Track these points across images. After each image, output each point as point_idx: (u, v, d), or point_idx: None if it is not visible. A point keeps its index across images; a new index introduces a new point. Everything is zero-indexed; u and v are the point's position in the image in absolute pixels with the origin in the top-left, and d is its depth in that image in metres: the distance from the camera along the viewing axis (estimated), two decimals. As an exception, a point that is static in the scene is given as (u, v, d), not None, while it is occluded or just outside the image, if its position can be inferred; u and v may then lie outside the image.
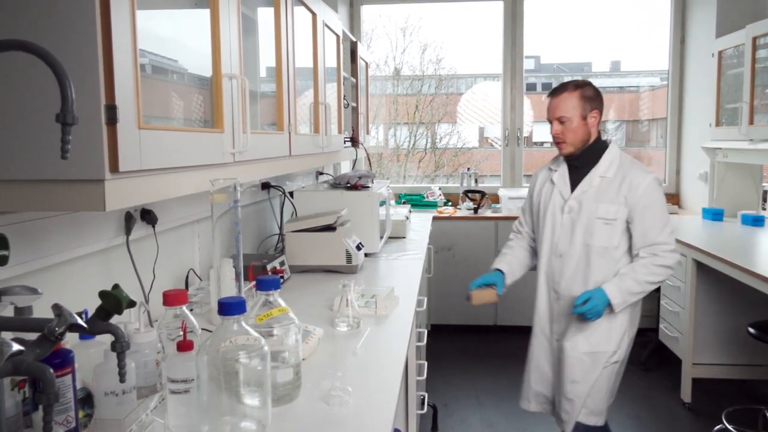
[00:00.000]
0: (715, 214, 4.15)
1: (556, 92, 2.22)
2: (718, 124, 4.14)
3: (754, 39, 3.61)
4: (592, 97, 2.20)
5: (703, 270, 3.39)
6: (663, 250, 2.13)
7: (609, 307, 2.14)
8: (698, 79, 4.59)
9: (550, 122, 2.22)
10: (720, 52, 4.10)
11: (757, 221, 3.92)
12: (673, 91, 4.94)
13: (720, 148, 4.16)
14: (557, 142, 2.23)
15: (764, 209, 4.20)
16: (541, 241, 2.35)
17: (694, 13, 4.67)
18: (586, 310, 2.12)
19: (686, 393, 3.48)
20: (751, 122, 3.64)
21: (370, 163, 3.86)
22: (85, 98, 0.93)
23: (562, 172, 2.30)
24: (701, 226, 4.00)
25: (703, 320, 3.50)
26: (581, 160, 2.24)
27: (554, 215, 2.28)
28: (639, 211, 2.14)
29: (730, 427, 3.03)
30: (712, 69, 4.18)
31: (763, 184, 4.29)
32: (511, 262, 2.45)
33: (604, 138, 2.30)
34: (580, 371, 2.23)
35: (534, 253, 2.46)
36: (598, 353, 2.22)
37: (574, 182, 2.26)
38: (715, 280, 3.44)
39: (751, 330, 2.90)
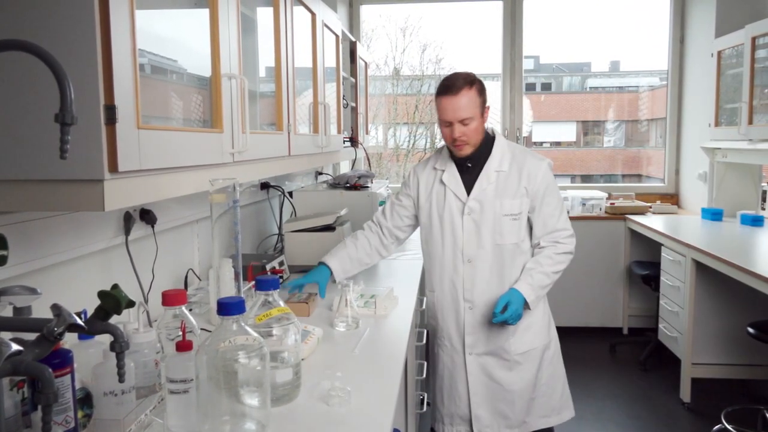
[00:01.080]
0: (714, 214, 4.16)
1: (451, 90, 1.95)
2: (717, 124, 4.14)
3: (754, 39, 3.61)
4: (483, 89, 2.02)
5: (702, 270, 3.39)
6: (563, 236, 2.06)
7: (525, 305, 2.00)
8: (697, 79, 4.59)
9: (447, 124, 1.99)
10: (719, 52, 4.10)
11: (756, 221, 3.92)
12: (672, 91, 4.94)
13: (719, 148, 4.16)
14: (458, 144, 2.01)
15: (763, 209, 4.20)
16: (440, 248, 2.13)
17: (693, 13, 4.67)
18: (508, 316, 1.94)
19: (685, 393, 3.48)
20: (751, 122, 3.64)
21: (369, 163, 3.86)
22: (84, 98, 0.93)
23: (452, 172, 2.11)
24: (700, 226, 4.00)
25: (702, 320, 3.50)
26: (474, 158, 2.07)
27: (452, 219, 2.08)
28: (539, 200, 2.05)
29: (729, 427, 3.03)
30: (711, 69, 4.19)
31: (763, 184, 4.30)
32: (344, 258, 2.15)
33: (488, 130, 2.13)
34: (519, 379, 2.13)
35: (379, 252, 2.23)
36: (531, 351, 2.13)
37: (468, 181, 2.08)
38: (714, 280, 3.44)
39: (751, 330, 2.90)
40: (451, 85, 1.96)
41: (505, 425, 2.16)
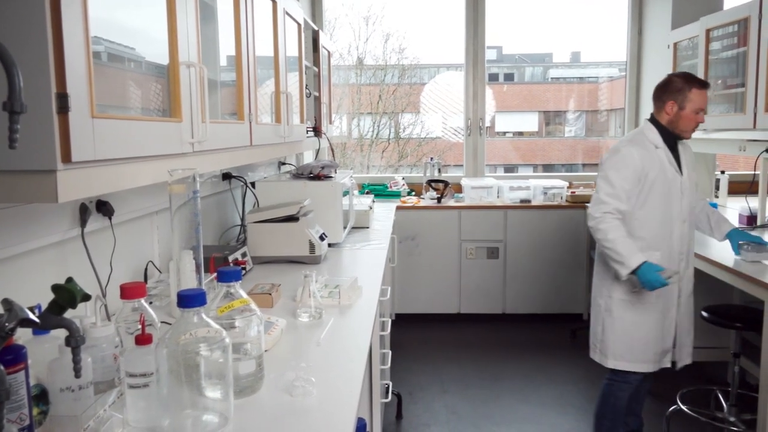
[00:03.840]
0: (670, 202, 4.26)
1: (706, 85, 2.54)
2: (673, 114, 4.23)
3: (708, 31, 3.71)
4: None
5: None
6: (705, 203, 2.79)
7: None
8: (655, 70, 4.69)
9: (699, 111, 2.53)
10: (675, 44, 4.20)
11: (710, 209, 4.03)
12: (630, 81, 5.04)
13: (675, 138, 4.26)
14: (696, 129, 2.58)
15: (717, 197, 4.33)
16: (665, 214, 2.54)
17: (651, 6, 4.76)
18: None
19: (643, 376, 3.57)
20: (705, 112, 3.73)
21: (333, 153, 3.85)
22: (35, 86, 0.90)
23: (666, 150, 2.57)
24: (657, 213, 4.09)
25: (659, 305, 3.59)
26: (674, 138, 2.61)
27: (672, 188, 2.53)
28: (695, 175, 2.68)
29: (684, 408, 3.13)
30: (668, 60, 4.28)
31: (716, 173, 4.43)
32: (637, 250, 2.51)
33: None
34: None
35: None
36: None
37: (673, 159, 2.58)
38: (670, 267, 3.53)
39: (704, 314, 3.00)
40: (702, 81, 2.54)
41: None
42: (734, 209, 3.84)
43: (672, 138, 2.58)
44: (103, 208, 1.71)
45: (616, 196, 2.47)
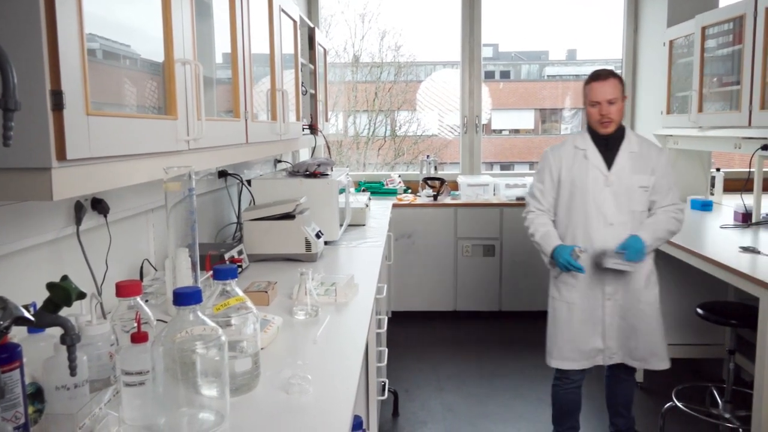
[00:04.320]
0: (666, 200, 4.27)
1: (601, 77, 2.48)
2: (669, 111, 4.25)
3: (703, 29, 3.71)
4: (623, 83, 2.54)
5: (654, 253, 3.48)
6: (675, 208, 2.54)
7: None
8: (650, 67, 4.70)
9: (596, 104, 2.47)
10: (671, 42, 4.20)
11: (705, 206, 4.05)
12: (626, 79, 5.04)
13: (671, 135, 4.27)
14: (604, 122, 2.48)
15: (712, 194, 4.34)
16: (581, 215, 2.55)
17: (647, 3, 4.77)
18: (626, 252, 2.47)
19: (638, 373, 3.58)
20: (701, 110, 3.75)
21: (329, 151, 3.84)
22: (29, 83, 0.90)
23: (593, 150, 2.56)
24: (653, 211, 4.10)
25: (654, 302, 3.61)
26: (612, 139, 2.54)
27: (596, 189, 2.52)
28: (659, 179, 2.53)
29: (679, 405, 3.14)
30: (663, 58, 4.29)
31: (711, 170, 4.44)
32: (555, 235, 2.60)
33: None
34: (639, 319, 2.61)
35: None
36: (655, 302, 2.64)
37: (608, 158, 2.54)
38: (665, 263, 3.54)
39: (700, 311, 3.00)
40: (600, 73, 2.50)
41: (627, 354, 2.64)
42: (729, 207, 3.85)
43: (604, 139, 2.55)
44: (99, 205, 1.70)
45: (534, 197, 2.67)
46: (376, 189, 4.99)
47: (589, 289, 2.59)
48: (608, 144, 2.55)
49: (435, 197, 4.81)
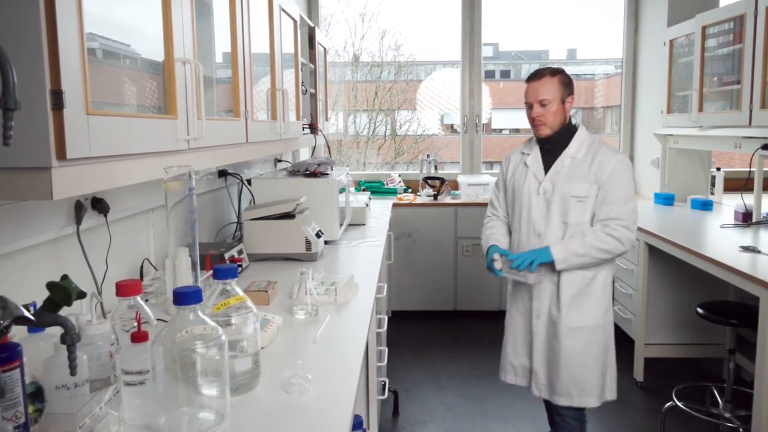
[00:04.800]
0: (666, 199, 4.28)
1: (536, 77, 2.28)
2: (669, 111, 4.25)
3: (704, 28, 3.71)
4: (567, 83, 2.29)
5: (654, 253, 3.49)
6: (616, 224, 2.20)
7: (551, 264, 2.23)
8: (651, 67, 4.69)
9: (530, 106, 2.27)
10: (671, 41, 4.20)
11: (705, 205, 4.05)
12: (626, 79, 5.05)
13: (671, 135, 4.27)
14: (536, 124, 2.28)
15: (713, 194, 4.34)
16: (518, 222, 2.38)
17: (647, 3, 4.77)
18: (517, 256, 2.24)
19: (639, 372, 3.59)
20: (701, 109, 3.75)
21: (329, 150, 3.84)
22: (29, 83, 0.90)
23: (536, 156, 2.36)
24: (653, 210, 4.11)
25: (654, 302, 3.62)
26: (555, 143, 2.31)
27: (530, 197, 2.32)
28: (604, 188, 2.23)
29: (679, 404, 3.14)
30: (664, 57, 4.29)
31: (712, 170, 4.44)
32: (498, 239, 2.44)
33: (574, 122, 2.38)
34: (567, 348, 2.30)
35: (509, 232, 2.48)
36: (581, 328, 2.29)
37: (548, 165, 2.33)
38: (666, 263, 3.55)
39: (700, 310, 3.00)
40: (537, 72, 2.29)
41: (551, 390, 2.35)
42: (730, 206, 3.85)
43: (547, 143, 2.33)
44: (99, 205, 1.70)
45: (491, 203, 2.56)
46: (376, 188, 4.99)
47: (522, 304, 2.41)
48: (551, 149, 2.33)
49: (435, 197, 4.81)
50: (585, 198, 2.24)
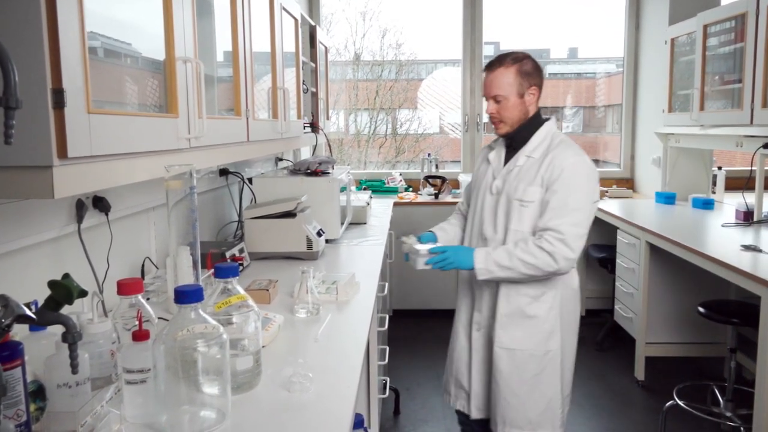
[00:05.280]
0: (667, 198, 4.27)
1: (491, 67, 2.00)
2: (670, 110, 4.24)
3: (705, 27, 3.71)
4: (530, 72, 1.99)
5: (655, 252, 3.49)
6: (551, 235, 1.89)
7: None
8: (652, 66, 4.69)
9: (487, 100, 2.03)
10: (672, 40, 4.20)
11: (707, 204, 4.05)
12: (628, 77, 5.04)
13: (672, 134, 4.27)
14: (493, 121, 2.04)
15: (714, 193, 4.34)
16: (470, 221, 2.18)
17: (648, 1, 4.76)
18: (433, 255, 2.01)
19: (640, 371, 3.59)
20: (702, 108, 3.74)
21: (330, 149, 3.84)
22: (30, 81, 0.90)
23: (499, 151, 2.12)
24: (654, 209, 4.11)
25: (655, 301, 3.61)
26: (516, 139, 2.05)
27: (485, 195, 2.10)
28: (549, 193, 1.94)
29: (680, 403, 3.14)
30: (665, 56, 4.28)
31: (713, 169, 4.43)
32: (446, 229, 2.28)
33: (545, 116, 2.09)
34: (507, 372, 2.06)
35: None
36: (517, 351, 2.04)
37: (501, 166, 2.11)
38: (667, 262, 3.55)
39: (701, 309, 3.00)
40: (495, 60, 2.01)
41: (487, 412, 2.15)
42: (731, 205, 3.85)
43: (509, 140, 2.09)
44: (100, 204, 1.70)
45: (463, 198, 2.37)
46: (377, 187, 4.99)
47: (465, 314, 2.21)
48: (514, 146, 2.07)
49: (436, 195, 4.81)
50: (529, 203, 1.95)
